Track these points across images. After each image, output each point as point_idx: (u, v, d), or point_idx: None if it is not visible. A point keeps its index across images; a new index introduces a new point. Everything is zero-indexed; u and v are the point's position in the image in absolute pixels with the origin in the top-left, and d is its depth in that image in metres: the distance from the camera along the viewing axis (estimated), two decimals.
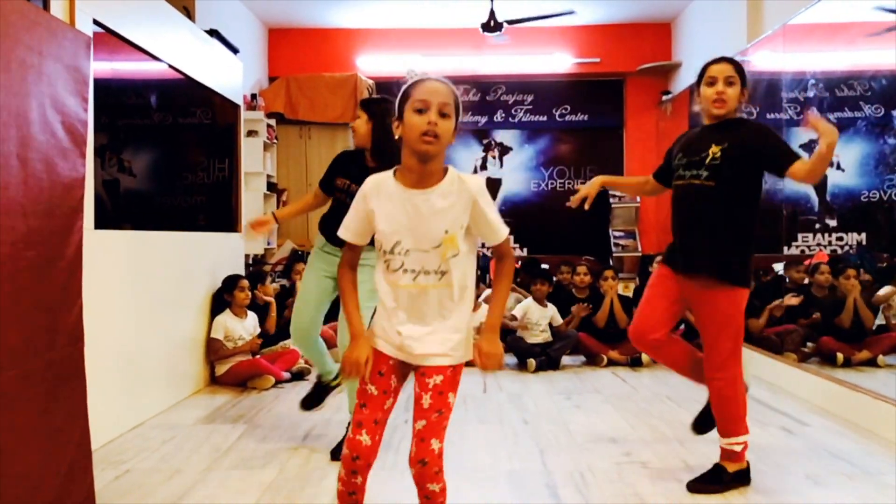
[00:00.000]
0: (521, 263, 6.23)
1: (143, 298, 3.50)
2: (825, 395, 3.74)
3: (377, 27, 7.28)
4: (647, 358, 4.82)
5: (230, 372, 4.23)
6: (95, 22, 3.05)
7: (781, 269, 4.69)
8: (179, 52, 3.97)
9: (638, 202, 7.41)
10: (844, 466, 2.81)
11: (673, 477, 2.68)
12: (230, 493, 2.55)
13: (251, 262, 5.94)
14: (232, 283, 4.35)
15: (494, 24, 6.01)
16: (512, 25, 6.14)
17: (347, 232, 1.77)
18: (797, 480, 2.66)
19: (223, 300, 4.35)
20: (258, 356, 4.36)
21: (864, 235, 4.18)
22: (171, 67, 3.88)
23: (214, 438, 3.20)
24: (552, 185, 7.61)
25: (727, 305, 2.46)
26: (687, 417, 3.46)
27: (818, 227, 4.34)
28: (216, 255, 4.49)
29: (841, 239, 4.26)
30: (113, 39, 3.27)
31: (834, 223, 4.28)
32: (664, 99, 7.19)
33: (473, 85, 7.54)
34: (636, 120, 7.51)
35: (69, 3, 2.85)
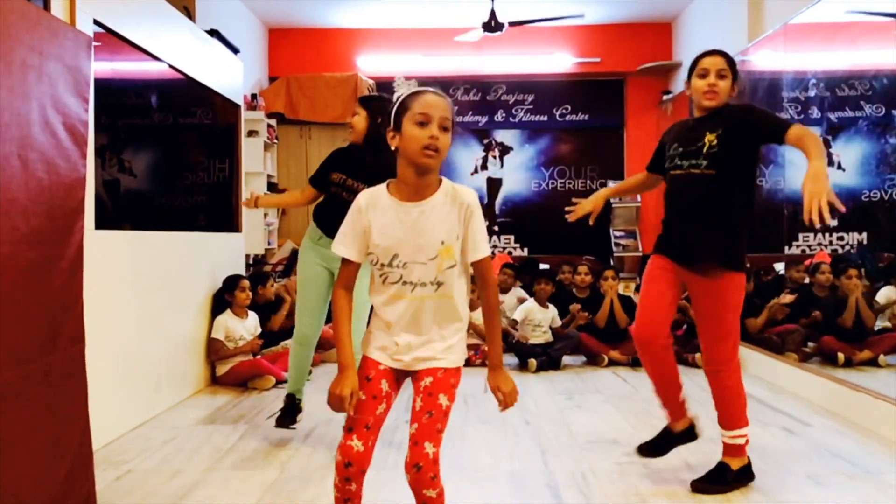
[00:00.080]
0: (518, 263, 6.23)
1: (143, 299, 3.50)
2: (826, 394, 3.74)
3: (377, 27, 7.28)
4: None
5: (231, 372, 4.23)
6: (96, 22, 3.05)
7: (782, 268, 4.69)
8: (180, 52, 3.97)
9: (638, 202, 7.41)
10: (845, 466, 2.81)
11: (674, 477, 2.68)
12: (231, 493, 2.55)
13: (251, 262, 5.94)
14: (233, 283, 4.34)
15: (496, 24, 6.00)
16: (514, 27, 6.14)
17: (346, 248, 1.73)
18: (798, 480, 2.66)
19: (224, 300, 4.35)
20: (259, 356, 4.36)
21: (864, 235, 4.18)
22: (171, 67, 3.88)
23: (215, 439, 3.20)
24: (553, 184, 7.61)
25: (732, 292, 2.46)
26: None
27: (819, 226, 4.33)
28: (217, 255, 4.49)
29: (842, 239, 4.26)
30: (113, 39, 3.27)
31: (835, 223, 4.27)
32: (665, 99, 7.18)
33: (474, 85, 7.54)
34: (637, 120, 7.51)
35: (70, 3, 2.85)
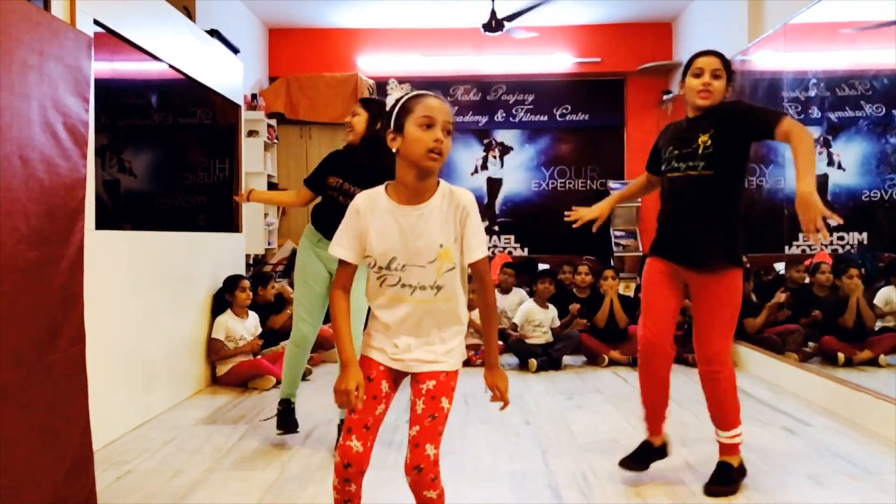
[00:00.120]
0: (518, 263, 6.22)
1: (143, 299, 3.50)
2: (827, 394, 3.74)
3: (378, 27, 7.28)
4: None
5: (231, 372, 4.23)
6: (96, 22, 3.05)
7: (782, 268, 4.69)
8: (180, 52, 3.97)
9: (638, 202, 7.39)
10: (846, 466, 2.81)
11: (675, 477, 2.68)
12: (232, 493, 2.55)
13: (252, 262, 5.94)
14: (233, 283, 4.34)
15: (496, 23, 6.00)
16: (511, 22, 6.12)
17: (343, 250, 1.71)
18: (799, 480, 2.66)
19: (224, 300, 4.35)
20: (259, 356, 4.36)
21: (864, 235, 4.18)
22: (171, 67, 3.88)
23: (216, 439, 3.20)
24: (553, 184, 7.60)
25: (734, 289, 2.48)
26: (689, 418, 3.48)
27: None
28: (217, 255, 4.49)
29: (842, 238, 4.25)
30: (113, 39, 3.27)
31: (835, 223, 4.27)
32: (665, 98, 7.18)
33: (474, 85, 7.53)
34: (637, 119, 7.50)
35: (70, 3, 2.85)
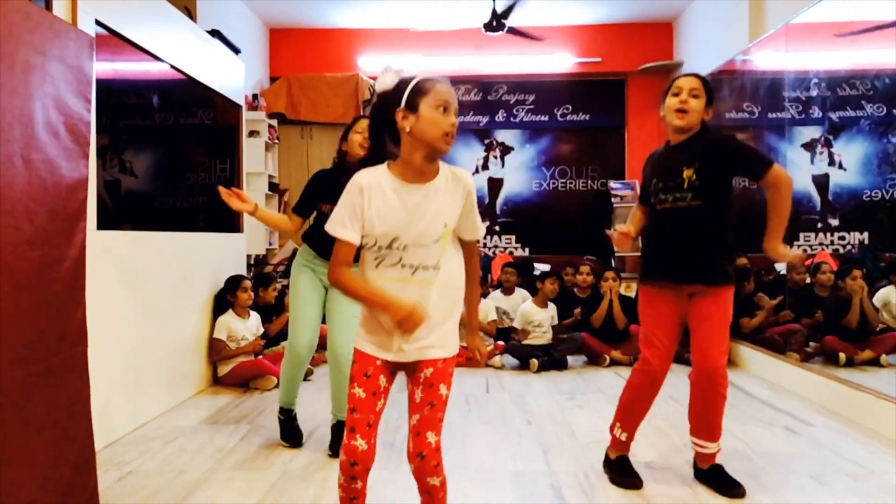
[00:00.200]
0: (517, 264, 6.22)
1: (145, 299, 3.50)
2: (828, 394, 3.74)
3: (378, 27, 7.28)
4: None
5: (233, 372, 4.23)
6: (97, 22, 3.05)
7: (783, 268, 4.69)
8: (181, 52, 3.97)
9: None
10: (848, 466, 2.81)
11: (677, 477, 2.68)
12: (233, 493, 2.55)
13: (253, 262, 5.94)
14: (234, 283, 4.34)
15: (497, 23, 6.00)
16: (507, 18, 6.10)
17: (344, 229, 1.66)
18: (801, 480, 2.66)
19: (226, 300, 4.35)
20: (261, 356, 4.36)
21: (866, 235, 4.18)
22: (172, 68, 3.88)
23: (217, 439, 3.20)
24: (554, 184, 7.60)
25: (727, 304, 2.49)
26: None
27: (820, 226, 4.33)
28: (218, 255, 4.49)
29: (843, 238, 4.25)
30: (115, 40, 3.27)
31: (836, 222, 4.27)
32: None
33: (475, 85, 7.53)
34: (638, 119, 7.50)
35: (71, 3, 2.85)
